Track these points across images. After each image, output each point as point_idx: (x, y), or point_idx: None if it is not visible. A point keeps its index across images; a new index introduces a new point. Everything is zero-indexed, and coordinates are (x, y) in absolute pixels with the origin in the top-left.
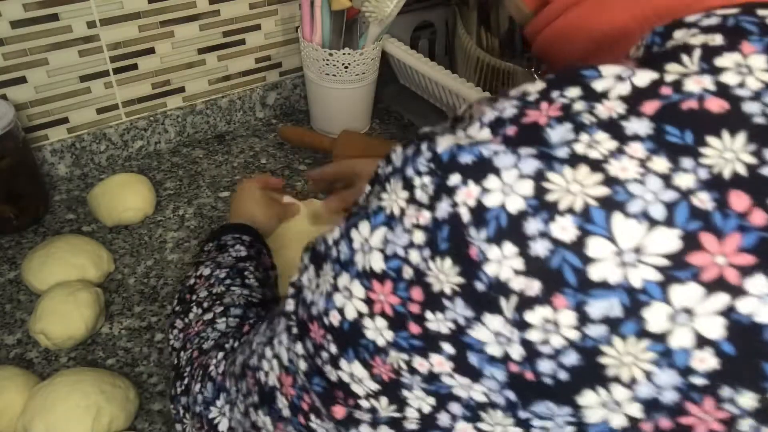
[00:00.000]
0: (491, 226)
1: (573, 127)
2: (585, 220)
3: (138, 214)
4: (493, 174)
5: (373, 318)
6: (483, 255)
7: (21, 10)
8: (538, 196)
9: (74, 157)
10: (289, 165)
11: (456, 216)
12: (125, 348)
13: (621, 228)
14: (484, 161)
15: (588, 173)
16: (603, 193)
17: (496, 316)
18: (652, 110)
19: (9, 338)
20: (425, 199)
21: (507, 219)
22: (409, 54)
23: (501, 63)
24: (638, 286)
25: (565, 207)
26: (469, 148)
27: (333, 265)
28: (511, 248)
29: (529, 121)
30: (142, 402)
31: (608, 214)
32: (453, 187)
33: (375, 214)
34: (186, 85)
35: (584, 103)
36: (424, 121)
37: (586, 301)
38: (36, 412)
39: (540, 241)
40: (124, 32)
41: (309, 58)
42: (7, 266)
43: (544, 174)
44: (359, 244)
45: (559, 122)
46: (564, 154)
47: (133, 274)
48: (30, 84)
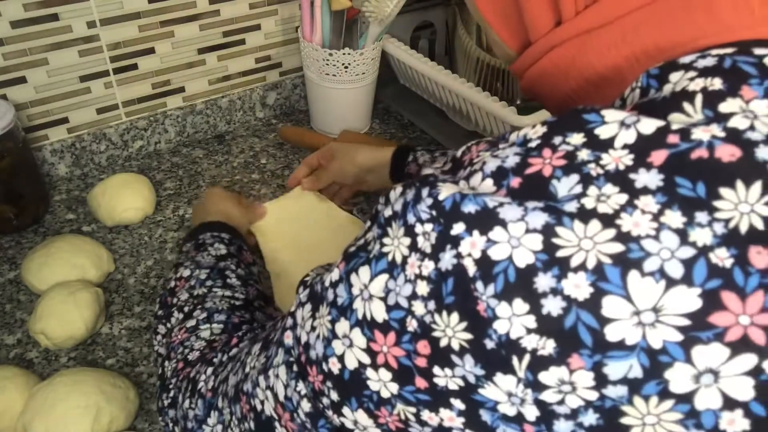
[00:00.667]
0: (499, 281)
1: (580, 179)
2: (599, 278)
3: (138, 214)
4: (498, 225)
5: (377, 369)
6: (492, 311)
7: (21, 10)
8: (548, 251)
9: (74, 157)
10: (289, 165)
11: (461, 268)
12: (125, 348)
13: (637, 287)
14: (489, 212)
15: (600, 229)
16: (617, 250)
17: (509, 375)
18: (661, 160)
19: (9, 338)
20: (428, 248)
21: (516, 274)
22: (409, 54)
23: (501, 63)
24: (658, 346)
25: (577, 263)
26: (473, 198)
27: (330, 309)
28: (522, 305)
29: (532, 171)
30: (142, 402)
31: (623, 271)
32: (456, 237)
33: (376, 260)
34: (186, 85)
35: (589, 152)
36: (424, 121)
37: (603, 362)
38: (36, 412)
39: (552, 298)
40: (124, 32)
41: (309, 58)
42: (7, 266)
43: (554, 229)
44: (359, 290)
45: (564, 173)
46: (573, 209)
47: (133, 274)
48: (30, 84)
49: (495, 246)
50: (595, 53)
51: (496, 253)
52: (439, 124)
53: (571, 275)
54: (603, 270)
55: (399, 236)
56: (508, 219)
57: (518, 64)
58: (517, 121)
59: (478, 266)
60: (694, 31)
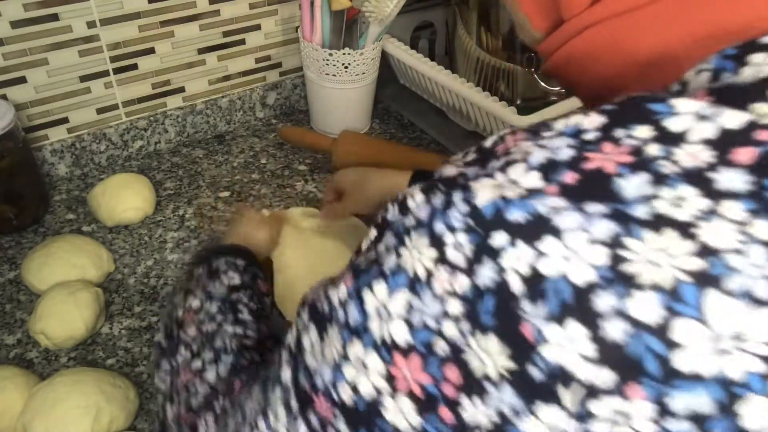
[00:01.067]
0: (552, 300)
1: (651, 179)
2: (673, 299)
3: (138, 214)
4: (551, 236)
5: (395, 397)
6: (540, 335)
7: (21, 10)
8: (613, 266)
9: (74, 157)
10: (289, 165)
11: (504, 285)
12: (125, 348)
13: (717, 309)
14: (541, 220)
15: (676, 240)
16: (695, 266)
17: (553, 407)
18: (749, 159)
19: (9, 338)
20: (461, 261)
21: (572, 292)
22: (409, 54)
23: (501, 63)
24: (737, 378)
25: (647, 281)
26: (520, 202)
27: (341, 331)
28: (579, 329)
29: (592, 167)
30: (142, 402)
31: (701, 291)
32: (498, 249)
33: (393, 275)
34: (186, 85)
35: (660, 146)
36: (424, 121)
37: (668, 393)
38: (36, 412)
39: (615, 321)
40: (124, 32)
41: (309, 58)
42: (7, 266)
43: (621, 240)
44: (374, 309)
45: (632, 171)
46: (644, 215)
47: (133, 274)
48: (30, 84)
49: (546, 259)
50: (641, 33)
51: (547, 268)
52: (439, 124)
53: (639, 294)
54: (677, 289)
55: (421, 248)
56: (564, 227)
57: (546, 44)
58: (517, 121)
59: (525, 283)
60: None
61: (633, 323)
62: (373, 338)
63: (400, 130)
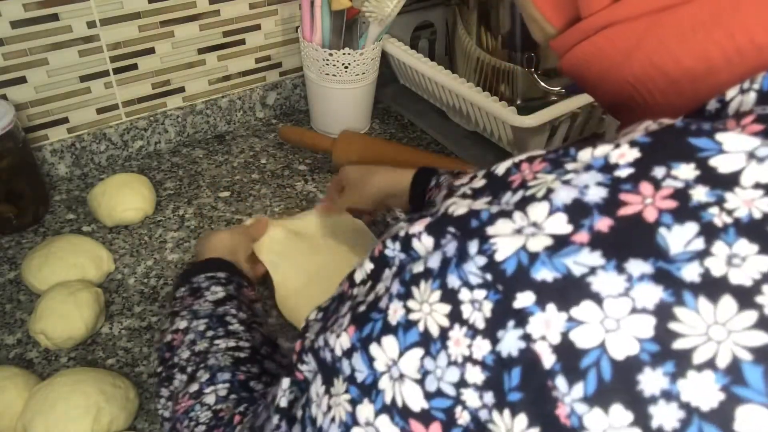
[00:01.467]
0: (590, 379)
1: (700, 230)
2: (734, 380)
3: (138, 214)
4: (588, 300)
5: None
6: (578, 420)
7: (21, 10)
8: (660, 338)
9: (74, 157)
10: (289, 165)
11: (532, 356)
12: (125, 348)
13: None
14: (575, 282)
15: (735, 310)
16: (760, 342)
17: None
18: None
19: (9, 338)
20: (479, 322)
21: (612, 369)
22: (409, 54)
23: (501, 63)
24: None
25: (703, 359)
26: (548, 259)
27: (348, 386)
28: (623, 413)
29: (629, 213)
30: (142, 402)
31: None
32: (522, 312)
33: (404, 330)
34: (186, 85)
35: (708, 190)
36: (424, 121)
37: None
38: (36, 412)
39: (665, 405)
40: (124, 32)
41: (309, 58)
42: (7, 266)
43: (671, 310)
44: (385, 366)
45: (677, 220)
46: (695, 277)
47: (133, 274)
48: (30, 84)
49: (581, 328)
50: (674, 35)
51: (582, 338)
52: (439, 124)
53: (693, 375)
54: (740, 369)
55: (432, 302)
56: (605, 293)
57: (561, 40)
58: (518, 121)
59: (557, 355)
60: None
61: (686, 409)
62: (384, 400)
63: (400, 130)
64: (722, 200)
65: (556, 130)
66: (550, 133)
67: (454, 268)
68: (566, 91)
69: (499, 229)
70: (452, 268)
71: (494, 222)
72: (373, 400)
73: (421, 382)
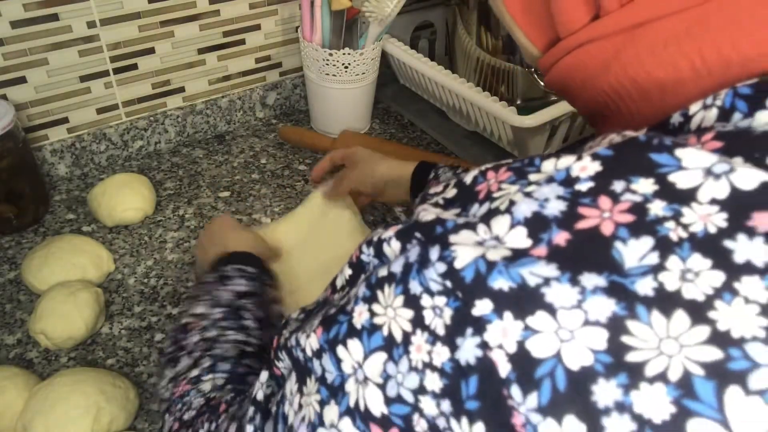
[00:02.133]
0: (544, 389)
1: (656, 245)
2: (685, 394)
3: (138, 214)
4: (542, 310)
5: None
6: (533, 430)
7: (21, 10)
8: (613, 351)
9: (74, 157)
10: (289, 165)
11: (488, 364)
12: (125, 348)
13: (739, 409)
14: (530, 291)
15: (688, 325)
16: (711, 357)
17: None
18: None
19: (9, 338)
20: (439, 328)
21: (567, 379)
22: (409, 54)
23: (501, 63)
24: None
25: (655, 372)
26: (505, 269)
27: (319, 386)
28: (576, 424)
29: (586, 227)
30: (142, 402)
31: (720, 387)
32: (481, 320)
33: (368, 333)
34: (186, 85)
35: (665, 205)
36: (424, 121)
37: None
38: (36, 412)
39: (617, 416)
40: (124, 32)
41: (309, 58)
42: (7, 266)
43: (624, 323)
44: (351, 368)
45: (633, 234)
46: (649, 291)
47: (133, 274)
48: (30, 84)
49: (537, 337)
50: (647, 48)
51: (538, 348)
52: (439, 124)
53: (645, 387)
54: (691, 383)
55: (395, 306)
56: (558, 305)
57: (545, 58)
58: (518, 121)
59: (513, 364)
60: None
61: (638, 421)
62: (348, 403)
63: (400, 130)
64: (679, 215)
65: (556, 130)
66: (550, 133)
67: (416, 274)
68: None
69: (461, 238)
70: (414, 274)
71: (458, 231)
72: (338, 402)
73: (383, 386)
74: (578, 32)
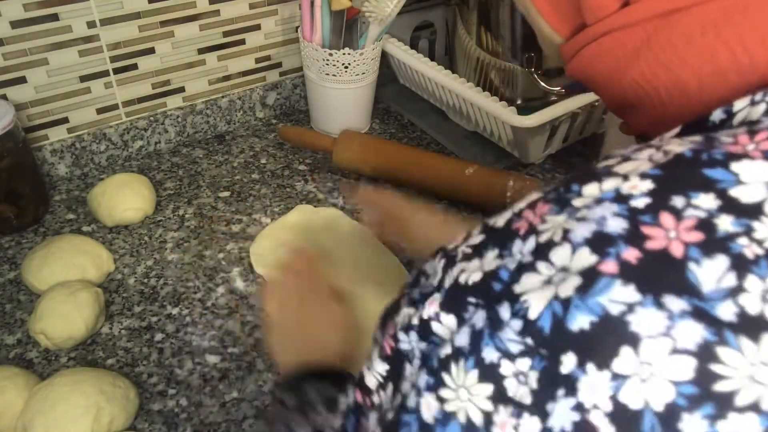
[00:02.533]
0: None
1: (731, 264)
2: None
3: (138, 214)
4: (626, 345)
5: None
6: None
7: (21, 10)
8: (700, 381)
9: (74, 157)
10: (289, 165)
11: (589, 429)
12: (125, 348)
13: None
14: (613, 322)
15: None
16: None
17: None
18: None
19: (9, 338)
20: (526, 397)
21: (659, 424)
22: (409, 54)
23: (501, 63)
24: None
25: (747, 402)
26: (582, 302)
27: None
28: None
29: (655, 248)
30: (142, 402)
31: None
32: (570, 377)
33: (442, 425)
34: (186, 85)
35: (733, 219)
36: (424, 121)
37: None
38: (36, 412)
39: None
40: (124, 32)
41: (309, 58)
42: (7, 266)
43: (713, 350)
44: None
45: (705, 253)
46: (731, 316)
47: (133, 274)
48: (30, 84)
49: (629, 383)
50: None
51: (631, 397)
52: (439, 124)
53: (735, 417)
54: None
55: (469, 385)
56: (644, 334)
57: (569, 45)
58: (518, 121)
59: (616, 425)
60: None
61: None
62: None
63: (400, 130)
64: (750, 230)
65: (556, 130)
66: (550, 133)
67: (489, 339)
68: (566, 91)
69: (526, 284)
70: (486, 340)
71: (519, 279)
72: None
73: None
74: (607, 18)
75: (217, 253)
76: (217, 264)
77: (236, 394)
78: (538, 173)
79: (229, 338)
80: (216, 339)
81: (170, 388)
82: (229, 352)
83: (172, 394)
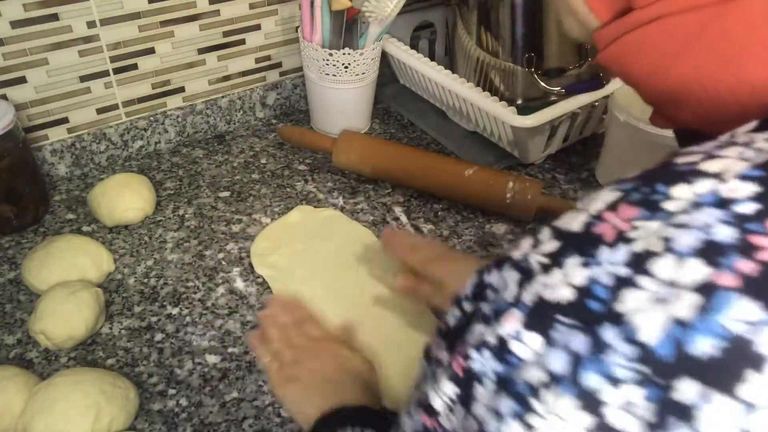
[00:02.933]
0: None
1: None
2: None
3: (138, 214)
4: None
5: None
6: None
7: (21, 10)
8: None
9: (74, 157)
10: (289, 165)
11: None
12: (125, 348)
13: None
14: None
15: None
16: None
17: None
18: None
19: (9, 338)
20: (634, 429)
21: None
22: (409, 54)
23: (501, 63)
24: None
25: None
26: (702, 324)
27: None
28: None
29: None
30: (142, 402)
31: None
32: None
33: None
34: (186, 85)
35: None
36: (424, 121)
37: None
38: (36, 412)
39: None
40: (124, 32)
41: (309, 58)
42: (7, 266)
43: None
44: None
45: None
46: None
47: (133, 274)
48: (30, 84)
49: (758, 413)
50: (742, 23)
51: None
52: (439, 124)
53: None
54: None
55: (564, 413)
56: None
57: (608, 30)
58: (518, 121)
59: None
60: None
61: None
62: None
63: (400, 130)
64: None
65: (556, 130)
66: (550, 133)
67: (589, 364)
68: (566, 91)
69: (630, 303)
70: (586, 364)
71: (618, 296)
72: None
73: None
74: (655, 4)
75: (217, 253)
76: (217, 264)
77: (236, 394)
78: (538, 173)
79: (229, 338)
80: (216, 339)
81: (170, 388)
82: (229, 352)
83: (172, 394)
